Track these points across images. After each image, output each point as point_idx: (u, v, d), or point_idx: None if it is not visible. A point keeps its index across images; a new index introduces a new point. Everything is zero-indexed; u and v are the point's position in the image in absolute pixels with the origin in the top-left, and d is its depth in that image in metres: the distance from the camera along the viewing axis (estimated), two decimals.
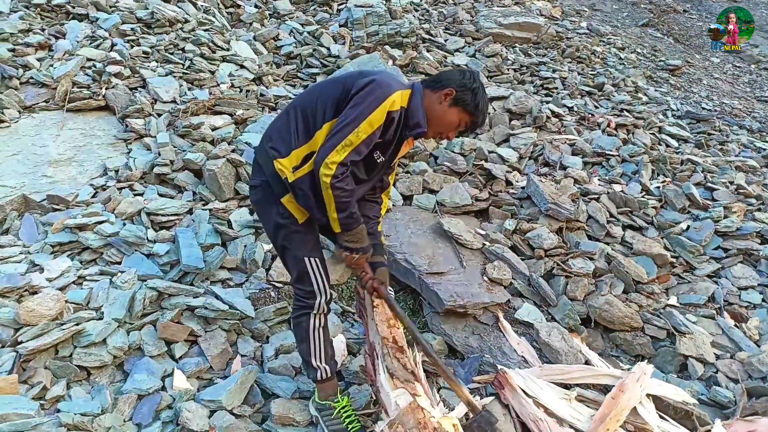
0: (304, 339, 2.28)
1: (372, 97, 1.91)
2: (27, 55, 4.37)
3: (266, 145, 2.13)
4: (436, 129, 2.09)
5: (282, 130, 2.09)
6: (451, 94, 2.02)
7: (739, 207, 3.85)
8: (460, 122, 2.07)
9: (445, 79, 2.06)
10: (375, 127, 1.92)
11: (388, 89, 1.93)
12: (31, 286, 2.72)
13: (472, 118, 2.06)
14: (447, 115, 2.04)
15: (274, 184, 2.13)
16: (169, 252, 3.09)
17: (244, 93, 4.71)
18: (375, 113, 1.90)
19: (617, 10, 10.23)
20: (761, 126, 6.25)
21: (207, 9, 5.89)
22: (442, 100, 2.03)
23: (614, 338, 3.02)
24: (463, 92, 2.01)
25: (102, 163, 3.75)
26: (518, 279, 3.26)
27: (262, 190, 2.19)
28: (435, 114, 2.04)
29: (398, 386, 2.04)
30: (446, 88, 2.02)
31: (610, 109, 5.58)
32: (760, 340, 3.00)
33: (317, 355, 2.28)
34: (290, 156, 2.05)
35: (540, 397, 2.30)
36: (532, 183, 3.83)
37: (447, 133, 2.10)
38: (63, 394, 2.39)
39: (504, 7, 7.64)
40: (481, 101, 2.04)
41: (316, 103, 2.04)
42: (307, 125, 2.05)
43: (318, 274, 2.20)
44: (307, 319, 2.25)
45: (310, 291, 2.21)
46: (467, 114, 2.05)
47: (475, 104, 2.03)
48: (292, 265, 2.23)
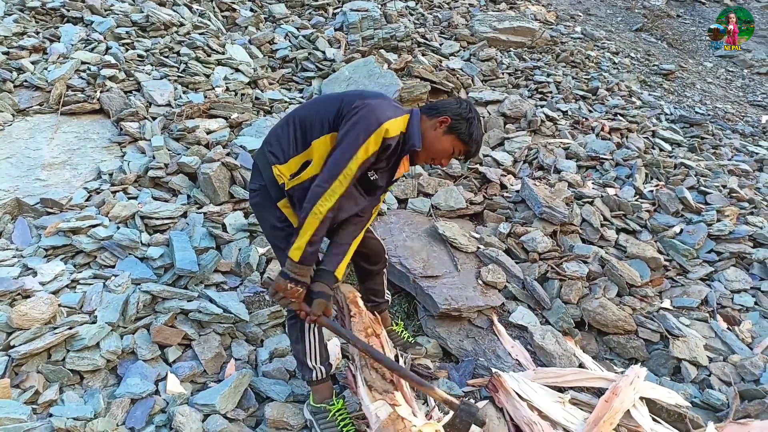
0: (299, 339, 2.28)
1: (365, 123, 1.94)
2: (21, 58, 4.37)
3: (266, 149, 2.16)
4: (430, 155, 2.13)
5: (281, 137, 2.13)
6: (446, 122, 2.06)
7: (732, 211, 3.87)
8: (454, 150, 2.10)
9: (441, 107, 2.09)
10: (370, 153, 1.96)
11: (382, 116, 1.95)
12: (23, 290, 2.70)
13: (466, 147, 2.10)
14: (441, 142, 2.08)
15: (272, 188, 2.17)
16: (163, 255, 3.09)
17: (239, 96, 4.71)
18: (370, 139, 1.93)
19: (611, 15, 10.29)
20: (753, 130, 6.28)
21: (202, 12, 5.90)
22: (437, 127, 2.07)
23: (608, 341, 3.03)
24: (458, 121, 2.05)
25: (96, 167, 3.74)
26: (512, 282, 3.27)
27: (261, 194, 2.22)
28: (429, 140, 2.08)
29: (377, 398, 2.03)
30: (442, 116, 2.06)
31: (604, 113, 5.61)
32: (752, 343, 3.01)
33: (312, 355, 2.28)
34: (288, 163, 2.09)
35: (534, 400, 2.31)
36: (527, 186, 3.85)
37: (440, 159, 2.14)
38: (56, 398, 2.38)
39: (499, 11, 7.68)
40: (475, 131, 2.08)
41: (314, 117, 2.08)
42: (304, 134, 2.08)
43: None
44: (302, 320, 2.25)
45: None
46: (461, 143, 2.08)
47: (469, 133, 2.07)
48: None
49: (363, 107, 1.96)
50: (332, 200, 1.94)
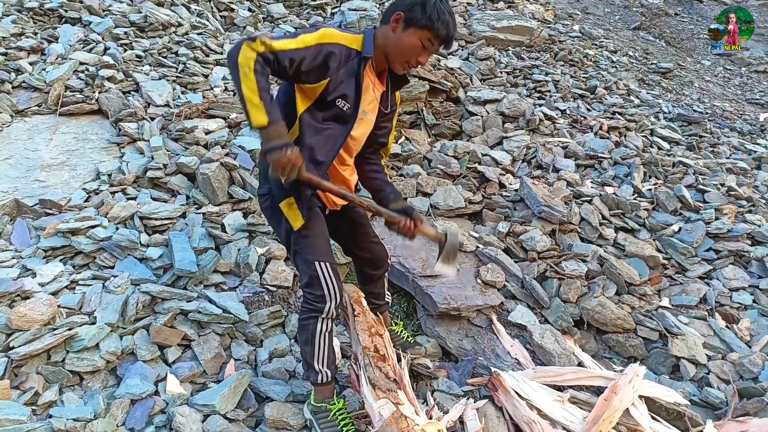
0: (308, 342, 2.25)
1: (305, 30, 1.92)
2: (19, 59, 4.36)
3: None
4: (401, 58, 1.99)
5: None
6: (400, 17, 1.93)
7: (730, 209, 3.88)
8: (422, 42, 1.94)
9: (392, 6, 1.99)
10: (305, 44, 1.84)
11: (323, 27, 1.92)
12: (23, 291, 2.70)
13: (432, 31, 1.92)
14: (403, 39, 1.94)
15: (276, 189, 2.13)
16: (163, 256, 3.08)
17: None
18: (308, 35, 1.86)
19: (609, 14, 10.29)
20: (752, 128, 6.29)
21: (200, 12, 5.90)
22: (395, 28, 1.95)
23: (607, 340, 3.04)
24: (411, 10, 1.91)
25: (95, 167, 3.74)
26: (511, 281, 3.27)
27: (270, 198, 2.19)
28: (392, 44, 1.96)
29: (381, 396, 2.04)
30: (394, 14, 1.95)
31: (602, 111, 5.61)
32: (751, 341, 3.02)
33: (320, 358, 2.26)
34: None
35: (533, 399, 2.32)
36: (525, 185, 3.85)
37: (414, 58, 1.99)
38: (55, 399, 2.38)
39: (497, 10, 7.67)
40: (433, 11, 1.89)
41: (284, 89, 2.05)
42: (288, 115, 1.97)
43: (329, 278, 2.17)
44: (314, 322, 2.22)
45: (320, 295, 2.17)
46: (424, 29, 1.91)
47: (427, 16, 1.89)
48: (303, 269, 2.20)
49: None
50: (252, 53, 1.76)
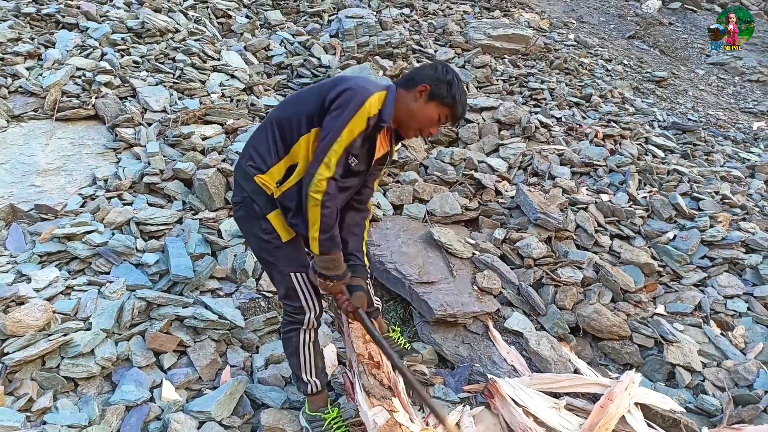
0: (294, 354, 2.26)
1: (351, 104, 1.89)
2: (16, 64, 4.36)
3: (244, 163, 2.10)
4: (417, 126, 2.07)
5: (260, 146, 2.06)
6: (426, 90, 1.99)
7: (725, 217, 3.90)
8: (440, 116, 2.05)
9: (418, 76, 2.04)
10: (356, 134, 1.90)
11: (366, 94, 1.91)
12: (17, 297, 2.69)
13: (452, 110, 2.04)
14: (425, 111, 2.02)
15: (258, 199, 2.09)
16: (159, 262, 3.08)
17: (235, 103, 4.71)
18: (354, 120, 1.88)
19: (604, 23, 10.37)
20: (745, 137, 6.34)
21: (198, 19, 5.91)
22: (417, 98, 2.01)
23: (603, 347, 3.04)
24: (438, 86, 1.99)
25: (91, 173, 3.73)
26: (508, 288, 3.28)
27: (244, 207, 2.14)
28: (412, 112, 2.02)
29: (375, 404, 2.04)
30: (420, 84, 2.00)
31: (597, 119, 5.65)
32: (745, 349, 3.03)
33: (307, 369, 2.26)
34: (271, 171, 2.03)
35: (529, 406, 2.32)
36: (522, 193, 3.87)
37: (428, 129, 2.08)
38: (50, 405, 2.37)
39: (493, 18, 7.72)
40: (457, 92, 2.01)
41: (291, 116, 2.02)
42: (284, 138, 2.02)
43: (305, 289, 2.17)
44: (296, 334, 2.23)
45: (298, 307, 2.17)
46: (445, 107, 2.02)
47: (451, 96, 2.00)
48: (279, 281, 2.19)
49: (346, 91, 1.91)
50: (322, 185, 1.88)
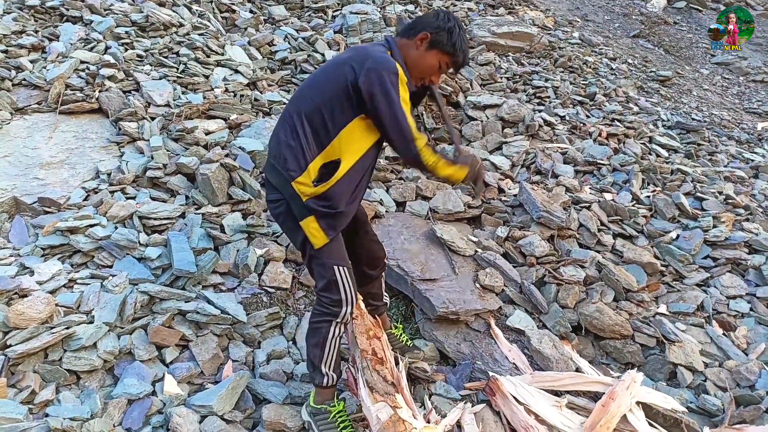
0: (319, 345, 2.23)
1: (391, 82, 1.89)
2: (20, 56, 4.35)
3: (279, 166, 2.05)
4: (418, 75, 2.09)
5: (292, 145, 2.01)
6: (426, 38, 2.02)
7: (728, 217, 3.89)
8: (441, 64, 2.07)
9: (419, 24, 2.06)
10: (407, 101, 1.94)
11: (390, 65, 1.91)
12: (20, 289, 2.69)
13: (452, 57, 2.06)
14: (425, 59, 2.04)
15: (294, 205, 2.07)
16: (161, 256, 3.08)
17: (239, 98, 4.71)
18: (402, 94, 1.92)
19: (609, 21, 10.34)
20: (749, 137, 6.32)
21: (202, 13, 5.90)
22: (418, 46, 2.04)
23: (604, 346, 3.04)
24: (438, 33, 2.01)
25: (94, 166, 3.73)
26: (510, 286, 3.28)
27: (285, 205, 2.12)
28: (413, 60, 2.05)
29: (378, 400, 2.04)
30: (421, 33, 2.02)
31: (601, 118, 5.63)
32: (748, 349, 3.03)
33: (328, 362, 2.25)
34: (307, 170, 2.01)
35: (531, 404, 2.32)
36: (524, 191, 3.86)
37: (429, 76, 2.11)
38: (52, 398, 2.37)
39: (497, 16, 7.70)
40: (458, 40, 2.03)
41: (321, 109, 1.98)
42: (317, 134, 1.99)
43: (347, 282, 2.16)
44: (327, 326, 2.21)
45: (337, 300, 2.16)
46: (446, 54, 2.05)
47: (452, 43, 2.02)
48: (320, 272, 2.17)
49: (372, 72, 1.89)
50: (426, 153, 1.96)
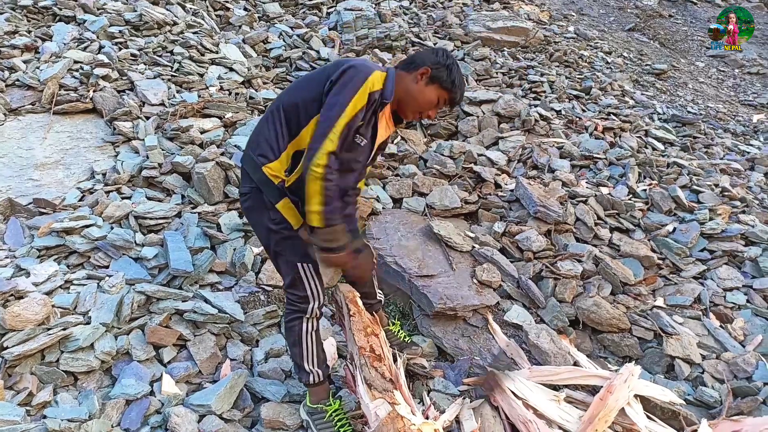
0: (296, 343, 2.27)
1: (352, 81, 1.91)
2: (13, 57, 4.33)
3: (252, 153, 2.11)
4: (416, 109, 2.11)
5: (267, 134, 2.07)
6: (426, 73, 2.05)
7: (724, 209, 3.90)
8: (439, 100, 2.10)
9: (418, 59, 2.09)
10: (358, 108, 1.91)
11: (367, 71, 1.94)
12: (16, 291, 2.68)
13: (450, 94, 2.09)
14: (424, 93, 2.07)
15: (266, 190, 2.10)
16: (158, 256, 3.07)
17: (234, 96, 4.69)
18: (357, 95, 1.90)
19: (604, 15, 10.33)
20: (745, 129, 6.33)
21: (196, 11, 5.87)
22: (418, 80, 2.06)
23: (602, 340, 3.05)
24: (438, 69, 2.04)
25: (89, 167, 3.72)
26: (507, 281, 3.28)
27: (253, 197, 2.16)
28: (412, 94, 2.07)
29: (377, 396, 2.04)
30: (421, 68, 2.05)
31: (597, 112, 5.63)
32: (744, 341, 3.04)
33: (309, 359, 2.27)
34: (280, 158, 2.05)
35: (529, 398, 2.32)
36: (521, 186, 3.86)
37: (427, 111, 2.13)
38: (50, 399, 2.37)
39: (492, 11, 7.69)
40: (456, 77, 2.07)
41: (297, 101, 2.03)
42: (289, 124, 2.04)
43: (311, 279, 2.19)
44: (299, 323, 2.24)
45: (303, 296, 2.20)
46: (444, 91, 2.08)
47: (451, 80, 2.06)
48: (285, 270, 2.21)
49: (349, 69, 1.93)
50: (324, 158, 1.86)
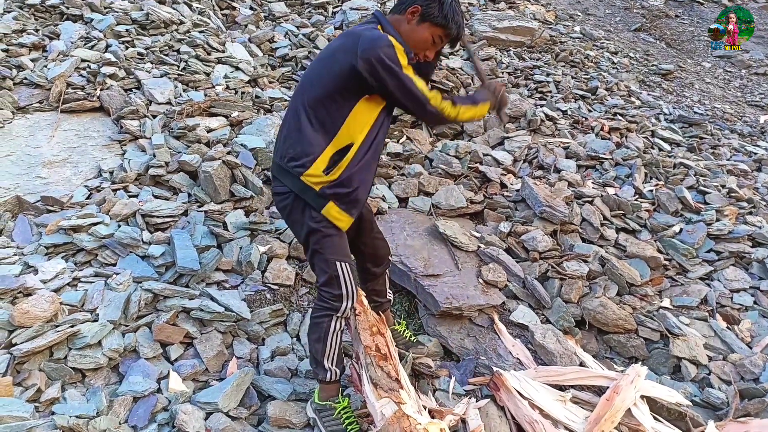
0: (321, 339, 2.24)
1: (390, 57, 1.86)
2: (21, 55, 4.36)
3: (284, 164, 2.06)
4: (412, 50, 2.02)
5: (299, 139, 2.02)
6: (416, 11, 1.98)
7: (731, 210, 3.88)
8: (434, 38, 2.03)
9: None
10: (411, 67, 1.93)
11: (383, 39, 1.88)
12: (25, 288, 2.70)
13: (445, 30, 2.01)
14: (418, 33, 2.00)
15: (306, 197, 2.06)
16: (165, 254, 3.08)
17: (240, 95, 4.70)
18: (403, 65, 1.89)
19: (610, 15, 10.30)
20: (752, 130, 6.30)
21: (202, 11, 5.89)
22: (409, 20, 2.00)
23: (608, 340, 3.04)
24: (428, 6, 1.97)
25: (96, 165, 3.73)
26: (513, 281, 3.28)
27: (291, 198, 2.12)
28: (406, 35, 2.00)
29: (383, 396, 2.05)
30: (411, 6, 1.99)
31: (603, 112, 5.61)
32: (751, 342, 3.03)
33: (331, 357, 2.26)
34: (316, 163, 2.01)
35: (535, 398, 2.32)
36: (527, 186, 3.85)
37: (423, 52, 2.07)
38: (58, 396, 2.38)
39: (498, 11, 7.68)
40: (449, 11, 1.98)
41: (324, 98, 1.98)
42: (324, 125, 1.99)
43: (347, 278, 2.18)
44: (329, 320, 2.22)
45: (338, 294, 2.18)
46: (438, 27, 2.00)
47: (443, 15, 1.98)
48: (322, 268, 2.18)
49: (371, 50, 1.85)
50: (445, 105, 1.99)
